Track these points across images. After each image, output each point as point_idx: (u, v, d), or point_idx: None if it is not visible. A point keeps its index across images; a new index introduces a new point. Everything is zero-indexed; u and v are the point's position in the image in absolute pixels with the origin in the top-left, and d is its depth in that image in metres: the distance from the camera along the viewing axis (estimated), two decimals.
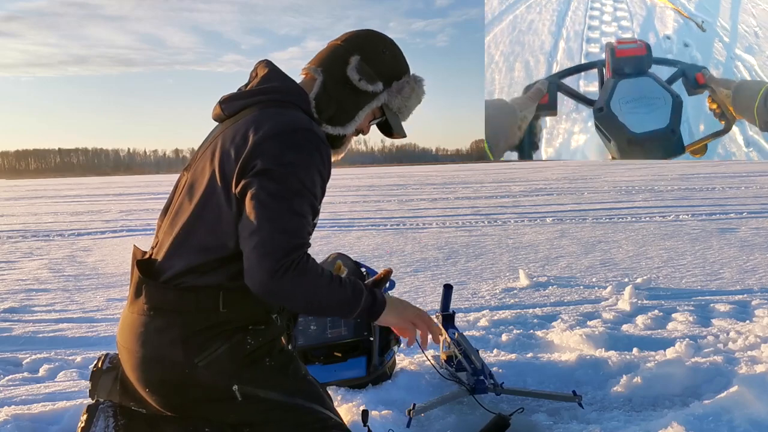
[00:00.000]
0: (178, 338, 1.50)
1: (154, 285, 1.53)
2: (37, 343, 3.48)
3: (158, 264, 1.57)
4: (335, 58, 1.68)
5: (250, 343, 1.56)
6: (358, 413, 1.96)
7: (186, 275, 1.52)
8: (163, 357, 1.51)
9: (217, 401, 1.55)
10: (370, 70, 1.66)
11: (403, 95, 1.71)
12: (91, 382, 1.88)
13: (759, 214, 8.92)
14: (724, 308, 3.71)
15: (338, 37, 1.74)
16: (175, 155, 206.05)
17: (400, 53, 1.74)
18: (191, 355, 1.50)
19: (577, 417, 2.24)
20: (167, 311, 1.52)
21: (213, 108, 1.71)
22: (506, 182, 21.00)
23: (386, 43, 1.72)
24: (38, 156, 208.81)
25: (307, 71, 1.71)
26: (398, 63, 1.73)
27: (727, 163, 25.50)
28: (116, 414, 1.59)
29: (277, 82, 1.64)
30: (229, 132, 1.56)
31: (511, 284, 4.64)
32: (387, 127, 1.77)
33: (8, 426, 2.10)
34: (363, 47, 1.68)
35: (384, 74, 1.69)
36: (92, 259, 6.76)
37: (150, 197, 20.09)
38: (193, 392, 1.54)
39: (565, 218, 9.19)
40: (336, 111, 1.66)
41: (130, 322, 1.57)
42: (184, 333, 1.50)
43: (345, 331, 2.43)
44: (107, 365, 1.87)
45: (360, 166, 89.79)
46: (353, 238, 7.63)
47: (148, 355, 1.53)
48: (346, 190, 19.92)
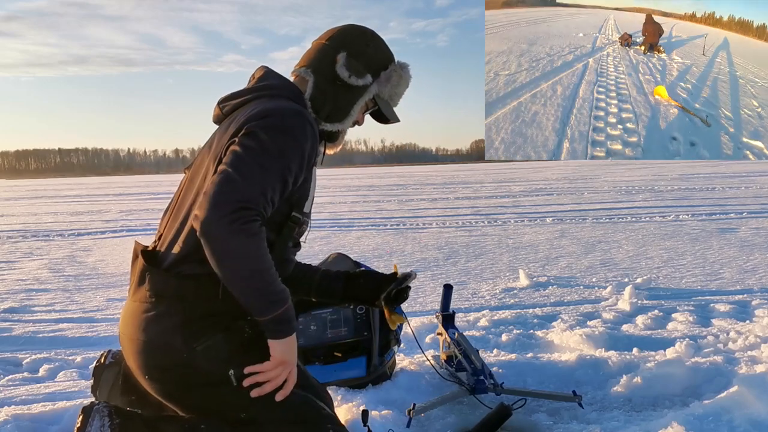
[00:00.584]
0: (179, 324, 1.55)
1: (157, 272, 1.58)
2: (37, 343, 3.48)
3: (161, 254, 1.63)
4: (323, 58, 1.74)
5: (247, 332, 1.60)
6: (358, 413, 1.96)
7: (186, 263, 1.57)
8: (163, 342, 1.55)
9: (213, 386, 1.58)
10: (358, 65, 1.73)
11: (392, 83, 1.78)
12: (94, 377, 1.90)
13: (759, 214, 8.93)
14: (724, 308, 3.71)
15: (321, 36, 1.81)
16: (175, 155, 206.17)
17: (382, 43, 1.81)
18: (190, 341, 1.54)
19: (577, 417, 2.24)
20: (169, 297, 1.56)
21: (213, 110, 1.77)
22: (506, 182, 21.00)
23: (368, 35, 1.79)
24: (38, 156, 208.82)
25: (296, 74, 1.77)
26: (383, 53, 1.79)
27: (727, 163, 25.50)
28: (111, 414, 1.60)
29: (272, 80, 1.72)
30: (224, 125, 1.64)
31: (511, 284, 4.64)
32: (380, 115, 1.83)
33: (8, 426, 2.10)
34: (347, 44, 1.74)
35: (371, 67, 1.75)
36: (92, 259, 6.76)
37: (150, 197, 20.10)
38: (190, 378, 1.57)
39: (565, 218, 9.19)
40: (332, 108, 1.73)
41: (132, 310, 1.62)
42: (184, 319, 1.55)
43: (345, 331, 2.43)
44: (110, 360, 1.90)
45: (360, 166, 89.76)
46: (353, 238, 7.63)
47: (148, 341, 1.57)
48: (346, 190, 19.92)
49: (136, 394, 1.83)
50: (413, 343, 2.87)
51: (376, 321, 2.42)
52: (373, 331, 2.41)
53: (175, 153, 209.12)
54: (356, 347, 2.44)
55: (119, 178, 62.39)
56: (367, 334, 2.43)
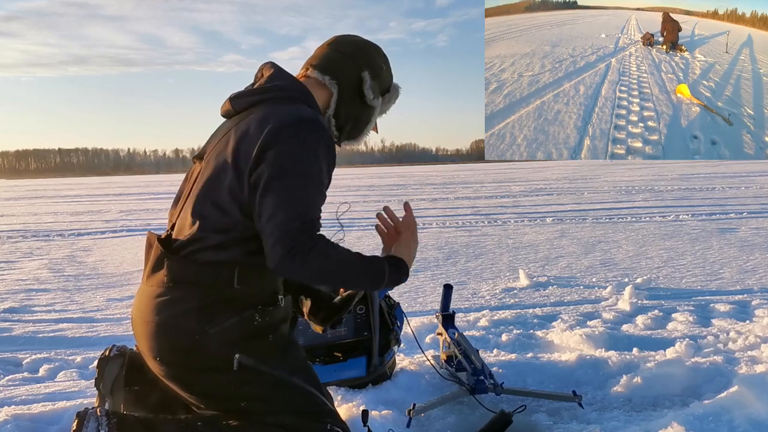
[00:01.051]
0: (194, 308, 1.60)
1: (175, 259, 1.63)
2: (37, 343, 3.48)
3: (178, 242, 1.67)
4: (348, 72, 1.78)
5: (257, 320, 1.65)
6: (358, 413, 1.96)
7: (205, 250, 1.61)
8: (177, 323, 1.61)
9: (219, 371, 1.62)
10: (377, 85, 1.81)
11: (389, 103, 1.88)
12: (98, 370, 1.92)
13: (759, 214, 8.93)
14: (724, 308, 3.71)
15: (340, 45, 1.82)
16: (175, 155, 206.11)
17: (387, 60, 1.88)
18: (203, 323, 1.60)
19: (577, 417, 2.24)
20: (186, 283, 1.62)
21: (222, 104, 1.80)
22: (506, 182, 21.00)
23: (383, 56, 1.86)
24: (38, 156, 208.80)
25: (312, 76, 1.79)
26: (390, 74, 1.88)
27: (727, 163, 25.49)
28: (107, 415, 1.61)
29: (283, 81, 1.74)
30: (243, 125, 1.66)
31: (511, 284, 4.64)
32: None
33: (8, 426, 2.10)
34: (369, 63, 1.81)
35: (383, 88, 1.85)
36: (92, 259, 6.76)
37: (150, 197, 20.09)
38: (198, 360, 1.62)
39: (565, 218, 9.19)
40: (353, 126, 1.82)
41: (148, 294, 1.67)
42: (200, 304, 1.61)
43: (345, 331, 2.43)
44: (114, 353, 1.93)
45: (360, 166, 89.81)
46: (353, 238, 7.63)
47: (162, 322, 1.62)
48: (346, 190, 19.92)
49: (140, 384, 1.86)
50: (413, 343, 2.87)
51: (376, 321, 2.42)
52: (373, 331, 2.41)
53: (175, 153, 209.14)
54: (356, 347, 2.44)
55: (119, 178, 62.38)
56: (367, 334, 2.43)
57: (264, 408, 1.64)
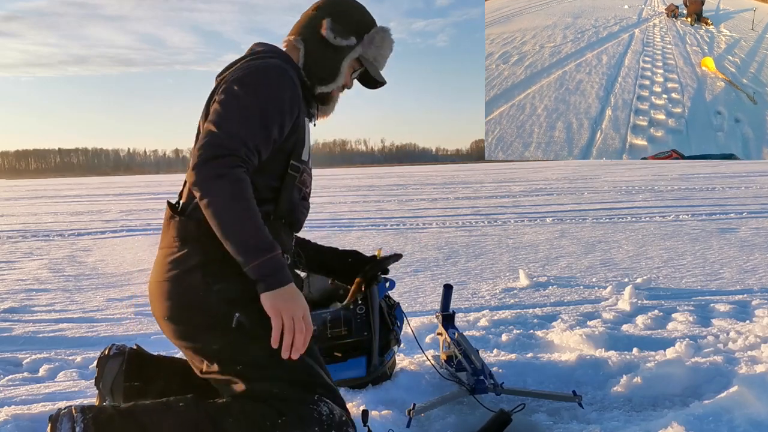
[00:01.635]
0: (199, 264, 1.66)
1: (179, 219, 1.72)
2: (37, 343, 3.48)
3: (183, 203, 1.79)
4: (310, 25, 1.90)
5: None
6: (358, 413, 1.96)
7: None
8: (183, 279, 1.67)
9: (219, 329, 1.65)
10: (341, 27, 1.88)
11: (375, 45, 1.93)
12: (98, 368, 1.93)
13: (759, 214, 8.92)
14: (724, 308, 3.71)
15: (310, 6, 1.96)
16: (175, 155, 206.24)
17: (365, 9, 1.97)
18: (208, 279, 1.65)
19: (577, 417, 2.24)
20: (191, 240, 1.68)
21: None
22: (506, 182, 21.00)
23: (351, 2, 1.95)
24: (38, 156, 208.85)
25: (287, 42, 1.92)
26: (365, 17, 1.95)
27: (727, 163, 25.50)
28: (84, 410, 1.59)
29: (261, 47, 1.88)
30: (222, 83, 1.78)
31: (511, 284, 4.64)
32: (368, 78, 1.99)
33: (8, 426, 2.10)
34: (332, 11, 1.90)
35: (355, 29, 1.91)
36: (92, 259, 6.76)
37: (150, 197, 20.09)
38: (202, 317, 1.66)
39: (565, 218, 9.19)
40: (322, 69, 1.89)
41: (160, 256, 1.75)
42: (204, 260, 1.66)
43: (345, 331, 2.43)
44: (114, 351, 1.93)
45: (360, 166, 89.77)
46: (353, 238, 7.63)
47: (170, 279, 1.68)
48: (346, 190, 19.92)
49: (140, 380, 1.86)
50: (413, 343, 2.87)
51: (376, 321, 2.41)
52: (373, 331, 2.41)
53: (175, 153, 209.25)
54: (356, 347, 2.44)
55: (119, 178, 62.38)
56: (367, 334, 2.42)
57: (257, 374, 1.64)
